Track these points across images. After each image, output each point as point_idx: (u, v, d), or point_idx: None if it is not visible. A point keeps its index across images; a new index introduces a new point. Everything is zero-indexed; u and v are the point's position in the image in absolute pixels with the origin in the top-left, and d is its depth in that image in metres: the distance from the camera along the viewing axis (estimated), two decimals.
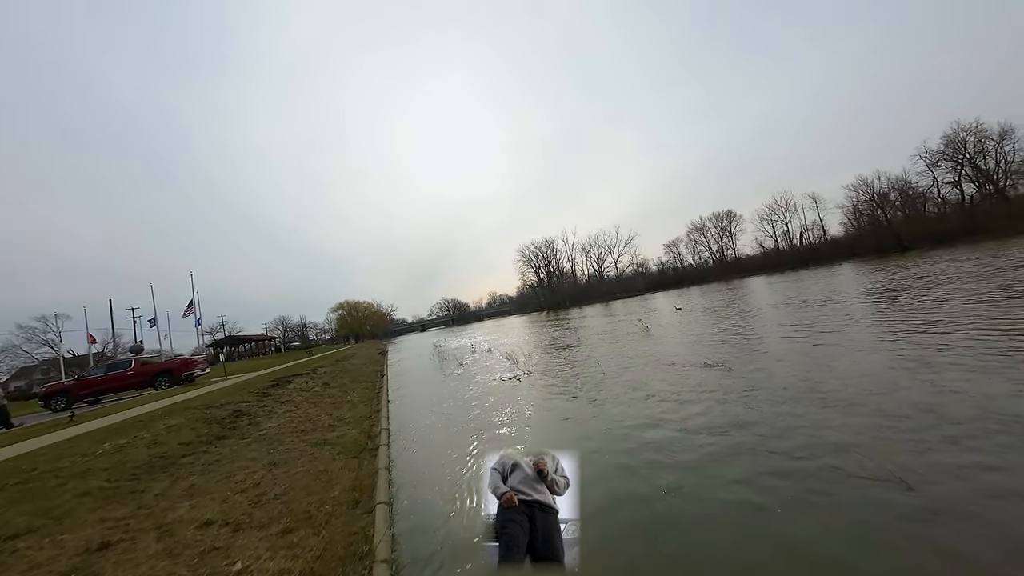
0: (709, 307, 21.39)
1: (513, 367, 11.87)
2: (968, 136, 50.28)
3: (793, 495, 3.11)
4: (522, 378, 10.04)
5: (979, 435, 3.53)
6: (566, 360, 11.49)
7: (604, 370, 8.78)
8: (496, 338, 27.22)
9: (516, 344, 19.63)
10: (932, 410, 4.18)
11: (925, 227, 48.99)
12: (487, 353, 17.97)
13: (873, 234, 53.98)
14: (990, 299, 9.33)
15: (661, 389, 6.71)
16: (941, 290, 12.01)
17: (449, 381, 12.03)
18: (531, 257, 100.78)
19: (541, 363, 11.94)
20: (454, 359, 17.59)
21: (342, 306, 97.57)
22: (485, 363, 14.56)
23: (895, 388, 4.97)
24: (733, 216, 79.94)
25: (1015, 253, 18.61)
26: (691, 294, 43.24)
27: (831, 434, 4.02)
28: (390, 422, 8.00)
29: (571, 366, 10.52)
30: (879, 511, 2.79)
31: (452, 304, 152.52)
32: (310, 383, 12.32)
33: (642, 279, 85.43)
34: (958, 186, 50.96)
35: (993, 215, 44.07)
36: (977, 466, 3.10)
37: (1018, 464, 3.06)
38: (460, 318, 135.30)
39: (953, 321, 7.82)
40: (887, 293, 13.74)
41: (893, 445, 3.63)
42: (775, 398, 5.35)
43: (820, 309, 12.81)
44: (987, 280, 12.26)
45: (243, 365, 30.75)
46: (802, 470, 3.45)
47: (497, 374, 11.47)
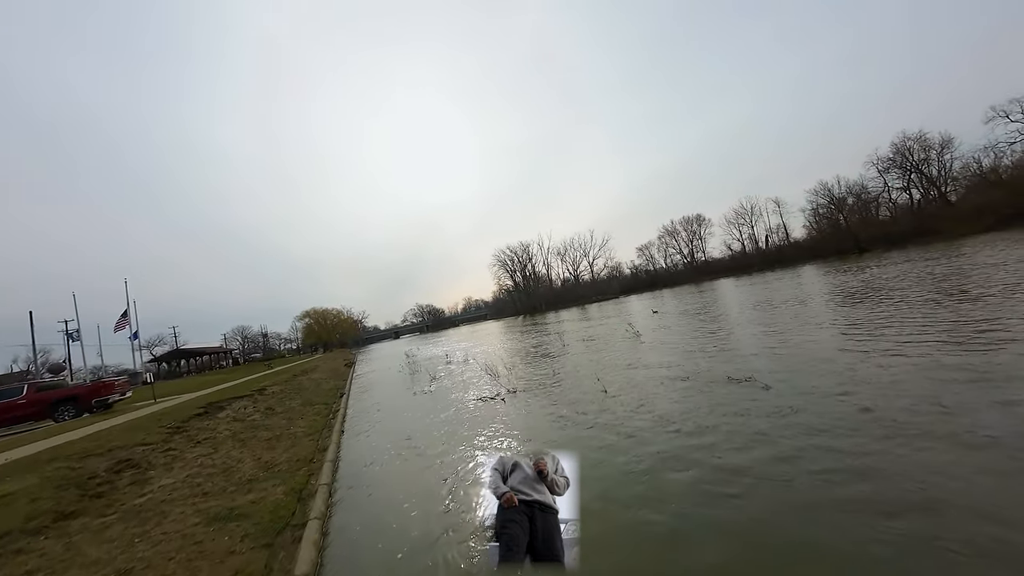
0: (687, 310, 20.69)
1: (494, 382, 10.28)
2: (913, 145, 53.79)
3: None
4: (506, 398, 8.46)
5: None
6: (554, 373, 10.02)
7: (606, 386, 7.36)
8: (473, 345, 25.48)
9: (495, 353, 18.02)
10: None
11: (880, 230, 51.68)
12: (463, 364, 16.25)
13: (833, 237, 56.46)
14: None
15: (695, 419, 5.32)
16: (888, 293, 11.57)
17: (419, 402, 10.26)
18: (507, 261, 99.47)
19: (526, 377, 10.41)
20: (426, 372, 15.76)
21: (309, 314, 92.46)
22: (461, 376, 12.87)
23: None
24: (702, 220, 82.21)
25: (954, 256, 19.08)
26: (664, 297, 43.32)
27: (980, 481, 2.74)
28: (340, 465, 6.20)
29: (562, 381, 9.06)
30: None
31: (426, 310, 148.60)
32: (248, 409, 10.21)
33: (616, 282, 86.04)
34: (907, 191, 54.24)
35: (939, 218, 46.98)
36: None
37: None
38: (435, 324, 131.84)
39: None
40: (850, 296, 13.29)
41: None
42: (831, 425, 4.11)
43: (797, 309, 12.09)
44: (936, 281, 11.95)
45: (185, 384, 27.30)
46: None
47: (475, 391, 9.84)
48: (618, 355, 10.94)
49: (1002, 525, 2.40)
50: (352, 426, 9.06)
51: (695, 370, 7.54)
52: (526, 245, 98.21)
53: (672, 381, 7.07)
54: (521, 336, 26.05)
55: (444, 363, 17.89)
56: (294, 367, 30.08)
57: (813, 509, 2.87)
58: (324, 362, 34.73)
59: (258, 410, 10.20)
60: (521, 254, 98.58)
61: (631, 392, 6.94)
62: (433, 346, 35.71)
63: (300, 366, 30.52)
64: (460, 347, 26.35)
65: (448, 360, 18.27)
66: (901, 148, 54.30)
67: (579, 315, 38.84)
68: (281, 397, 12.61)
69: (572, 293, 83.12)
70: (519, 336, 26.46)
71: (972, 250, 21.33)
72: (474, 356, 18.30)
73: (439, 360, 19.21)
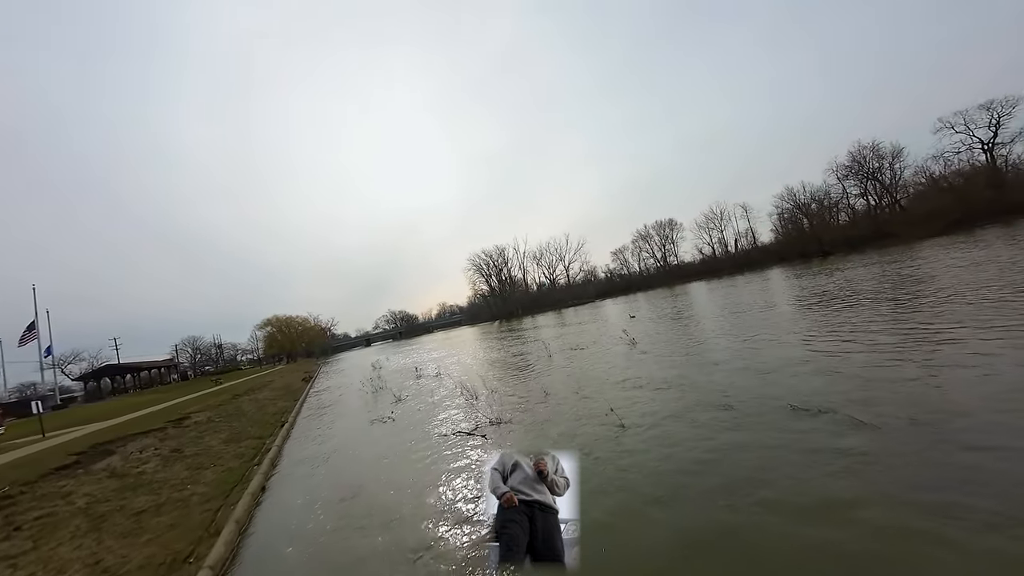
0: (666, 314, 19.57)
1: (470, 406, 8.34)
2: (867, 154, 56.63)
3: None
4: (488, 432, 6.55)
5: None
6: (545, 394, 8.20)
7: (622, 417, 5.62)
8: (446, 355, 23.30)
9: (471, 365, 16.02)
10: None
11: (841, 234, 53.83)
12: (435, 379, 14.15)
13: (798, 240, 58.37)
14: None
15: (787, 481, 3.63)
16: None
17: (377, 436, 8.14)
18: (482, 266, 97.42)
19: (512, 400, 8.52)
20: (392, 389, 13.58)
21: (271, 322, 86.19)
22: (431, 396, 10.81)
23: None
24: (674, 224, 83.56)
25: (903, 260, 19.12)
26: (639, 300, 42.87)
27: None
28: (239, 554, 4.08)
29: (557, 406, 7.24)
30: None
31: (400, 316, 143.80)
32: (147, 452, 7.73)
33: (592, 286, 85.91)
34: (864, 197, 56.91)
35: (894, 222, 49.38)
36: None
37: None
38: (408, 331, 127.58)
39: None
40: (816, 300, 12.46)
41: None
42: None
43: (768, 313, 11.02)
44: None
45: (106, 408, 23.30)
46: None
47: (448, 420, 7.86)
48: (614, 368, 9.28)
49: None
50: (282, 475, 6.82)
51: (727, 388, 5.96)
52: (502, 249, 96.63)
53: (709, 410, 5.41)
54: (499, 344, 24.14)
55: (413, 377, 15.70)
56: (243, 383, 26.68)
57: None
58: (280, 376, 31.33)
59: (159, 453, 7.73)
60: (497, 258, 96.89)
61: (651, 425, 5.24)
62: (404, 355, 33.15)
63: (251, 382, 27.16)
64: (433, 357, 24.09)
65: (418, 374, 16.08)
66: (857, 157, 57.08)
67: (556, 320, 37.45)
68: (203, 430, 10.07)
69: (548, 298, 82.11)
70: (497, 344, 24.55)
71: (921, 254, 21.88)
72: (448, 369, 16.23)
73: (408, 374, 16.96)
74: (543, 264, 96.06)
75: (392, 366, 24.59)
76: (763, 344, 8.63)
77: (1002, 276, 10.34)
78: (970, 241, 23.38)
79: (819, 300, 13.32)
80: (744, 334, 10.17)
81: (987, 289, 9.16)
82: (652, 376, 7.75)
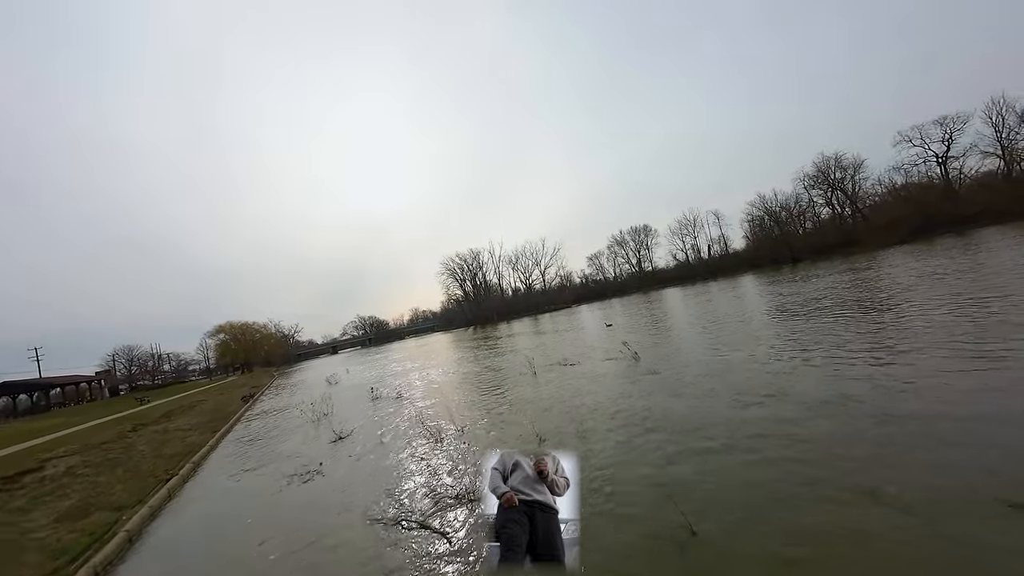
0: (656, 322, 17.89)
1: (431, 454, 5.89)
2: (831, 165, 58.71)
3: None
4: (469, 524, 4.12)
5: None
6: (540, 440, 5.86)
7: (685, 510, 3.37)
8: (413, 368, 20.51)
9: (439, 384, 13.44)
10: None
11: (809, 241, 55.24)
12: (394, 402, 11.51)
13: (769, 247, 59.49)
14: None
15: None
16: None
17: (287, 503, 5.52)
18: (456, 270, 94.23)
19: (490, 446, 6.13)
20: (339, 417, 10.87)
21: (224, 329, 78.83)
22: (382, 433, 8.20)
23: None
24: (649, 230, 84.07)
25: (863, 269, 18.64)
26: (614, 306, 41.75)
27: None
28: None
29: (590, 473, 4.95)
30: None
31: (369, 322, 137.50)
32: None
33: (568, 292, 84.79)
34: (830, 206, 58.79)
35: (859, 231, 51.04)
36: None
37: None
38: (378, 338, 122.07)
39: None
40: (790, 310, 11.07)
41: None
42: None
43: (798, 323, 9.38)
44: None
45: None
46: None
47: (396, 477, 5.37)
48: (625, 396, 7.08)
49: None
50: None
51: (844, 448, 3.86)
52: (476, 253, 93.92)
53: (845, 495, 3.26)
54: (473, 354, 21.61)
55: (369, 399, 12.95)
56: (169, 404, 22.64)
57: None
58: (219, 393, 27.28)
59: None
60: (471, 262, 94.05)
61: (745, 529, 3.02)
62: (369, 366, 29.96)
63: (179, 402, 23.14)
64: (398, 369, 21.20)
65: (375, 394, 13.32)
66: (821, 167, 59.08)
67: (533, 327, 35.37)
68: (42, 493, 7.01)
69: (524, 303, 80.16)
70: (471, 354, 22.01)
71: (880, 262, 21.63)
72: (411, 388, 13.58)
73: (363, 394, 14.14)
74: (519, 268, 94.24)
75: (351, 380, 21.52)
76: (843, 365, 6.70)
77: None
78: (928, 250, 23.59)
79: (811, 309, 11.81)
80: (761, 346, 8.30)
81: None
82: (692, 416, 5.56)
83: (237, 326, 77.50)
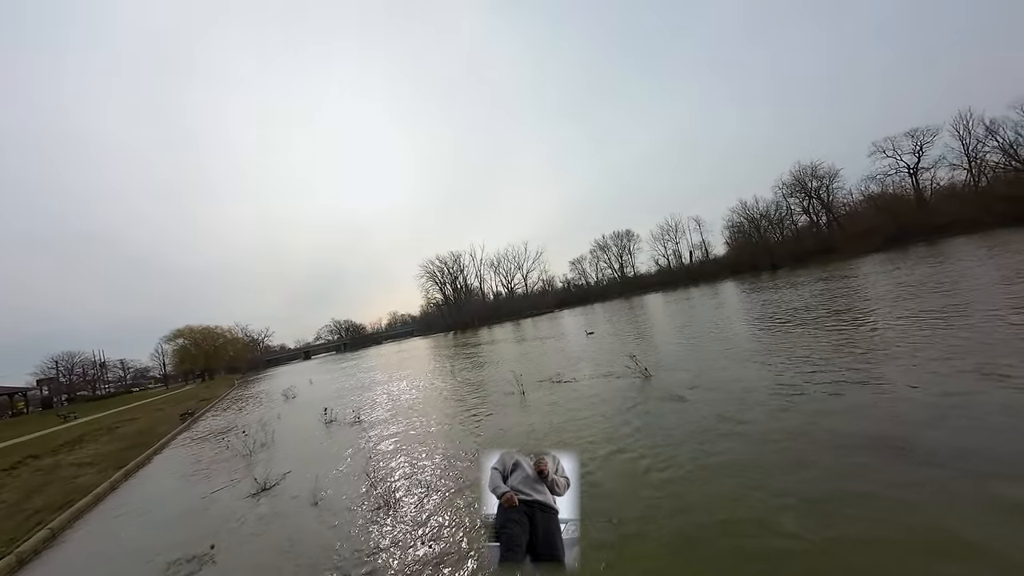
0: (650, 329, 16.46)
1: (382, 537, 3.95)
2: (806, 174, 59.87)
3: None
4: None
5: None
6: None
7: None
8: (383, 379, 18.25)
9: (408, 406, 11.38)
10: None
11: (788, 248, 55.92)
12: (352, 429, 9.40)
13: (749, 253, 59.98)
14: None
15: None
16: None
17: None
18: (436, 273, 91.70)
19: (463, 528, 4.23)
20: (281, 449, 8.70)
21: (183, 333, 73.09)
22: (319, 487, 6.13)
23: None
24: (631, 235, 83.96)
25: (840, 277, 18.13)
26: (597, 312, 40.75)
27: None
28: None
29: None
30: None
31: (345, 326, 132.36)
32: None
33: (551, 296, 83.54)
34: (807, 213, 59.86)
35: (835, 239, 51.92)
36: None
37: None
38: (354, 342, 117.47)
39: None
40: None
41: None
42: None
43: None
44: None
45: None
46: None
47: (329, 566, 3.42)
48: (655, 431, 5.36)
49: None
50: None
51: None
52: (457, 256, 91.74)
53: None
54: (452, 364, 19.56)
55: (322, 423, 10.75)
56: (93, 423, 19.47)
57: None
58: (157, 409, 24.07)
59: None
60: (452, 265, 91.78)
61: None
62: (336, 375, 27.39)
63: (105, 420, 20.01)
64: (364, 382, 18.83)
65: (329, 416, 11.12)
66: (798, 176, 60.18)
67: (516, 333, 33.60)
68: None
69: (506, 307, 78.30)
70: (449, 364, 19.95)
71: (854, 271, 21.62)
72: (375, 408, 11.42)
73: (317, 416, 11.89)
74: (501, 272, 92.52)
75: (311, 395, 19.05)
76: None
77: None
78: (901, 258, 23.89)
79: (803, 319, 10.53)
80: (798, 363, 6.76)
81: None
82: (789, 484, 3.82)
83: (197, 330, 72.12)
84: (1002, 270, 12.64)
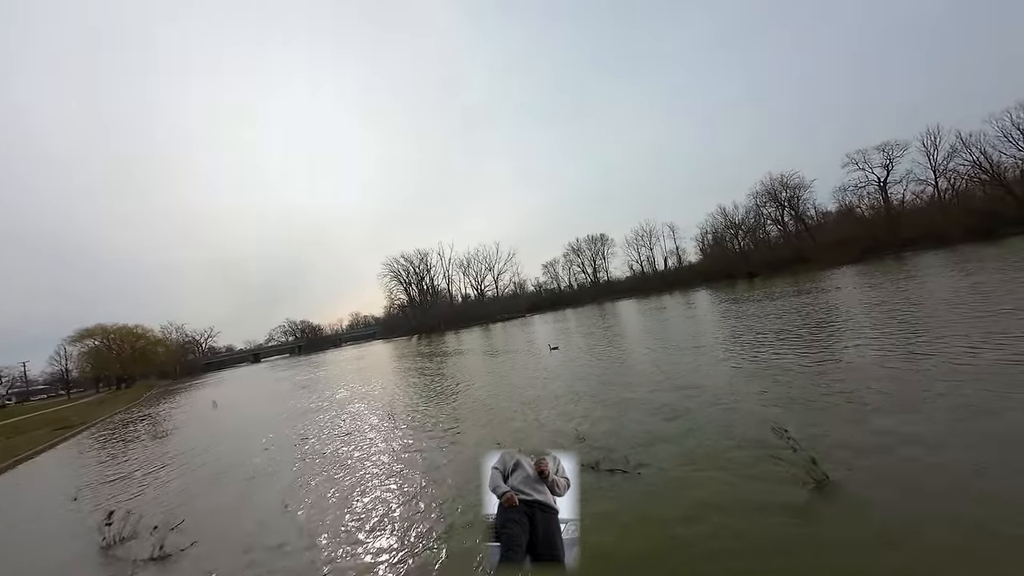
0: (637, 344, 13.06)
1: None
2: (776, 185, 60.24)
3: None
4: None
5: None
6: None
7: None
8: (332, 394, 13.56)
9: (351, 434, 6.94)
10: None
11: (762, 258, 55.62)
12: (252, 486, 4.94)
13: (724, 261, 59.37)
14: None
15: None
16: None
17: None
18: (400, 272, 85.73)
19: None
20: (145, 520, 4.14)
21: (93, 333, 62.28)
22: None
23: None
24: (606, 239, 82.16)
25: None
26: (568, 318, 38.28)
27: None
28: None
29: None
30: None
31: (300, 327, 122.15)
32: None
33: (522, 299, 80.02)
34: (777, 223, 60.15)
35: (809, 249, 51.97)
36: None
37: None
38: (310, 344, 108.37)
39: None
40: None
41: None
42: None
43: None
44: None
45: None
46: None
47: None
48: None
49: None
50: None
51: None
52: (424, 254, 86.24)
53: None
54: (413, 379, 15.19)
55: (219, 470, 6.12)
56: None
57: None
58: (5, 438, 17.82)
59: None
60: (418, 264, 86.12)
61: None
62: (280, 383, 22.27)
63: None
64: (310, 397, 13.95)
65: (231, 464, 6.43)
66: (769, 187, 60.44)
67: (485, 341, 29.62)
68: None
69: (476, 310, 73.87)
70: (409, 378, 15.55)
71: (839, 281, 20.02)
72: (308, 442, 6.89)
73: (225, 454, 7.12)
74: (470, 273, 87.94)
75: (231, 413, 14.00)
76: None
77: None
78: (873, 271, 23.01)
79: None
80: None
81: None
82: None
83: (112, 330, 61.91)
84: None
